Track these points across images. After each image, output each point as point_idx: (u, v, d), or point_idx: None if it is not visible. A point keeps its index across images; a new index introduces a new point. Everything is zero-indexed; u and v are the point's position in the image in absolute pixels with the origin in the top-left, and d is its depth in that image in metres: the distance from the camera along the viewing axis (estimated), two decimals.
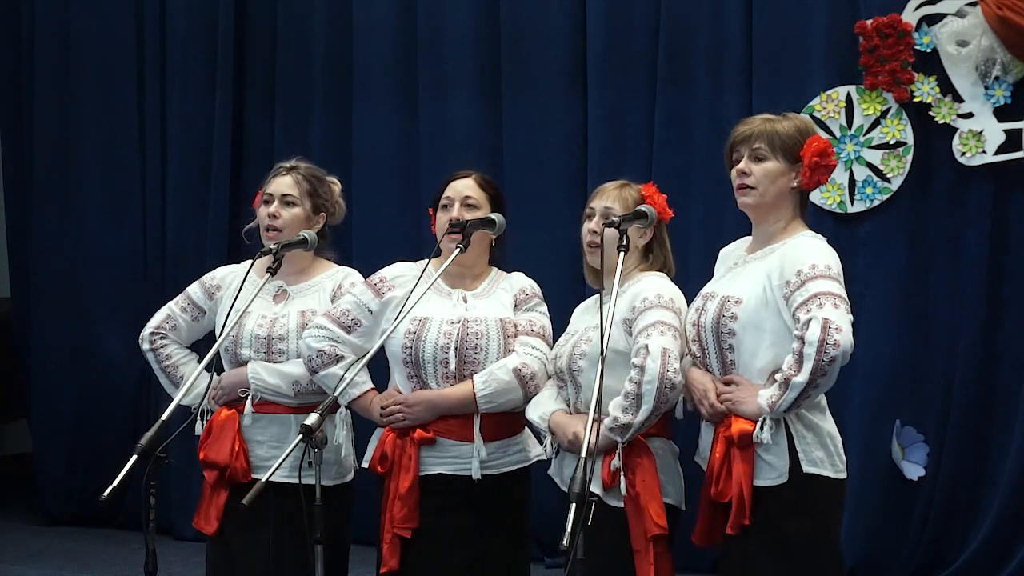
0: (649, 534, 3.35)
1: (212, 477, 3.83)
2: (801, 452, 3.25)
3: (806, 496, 3.24)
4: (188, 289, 4.05)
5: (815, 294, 3.18)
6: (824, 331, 3.12)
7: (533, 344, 3.72)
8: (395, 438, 3.68)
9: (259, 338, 3.85)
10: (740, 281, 3.36)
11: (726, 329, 3.31)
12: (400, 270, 3.81)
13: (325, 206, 4.01)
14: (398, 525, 3.62)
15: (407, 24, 6.31)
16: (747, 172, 3.37)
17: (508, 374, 3.64)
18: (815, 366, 3.13)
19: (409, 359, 3.67)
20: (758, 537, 3.25)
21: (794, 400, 3.17)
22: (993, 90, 5.25)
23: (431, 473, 3.65)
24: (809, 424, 3.27)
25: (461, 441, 3.65)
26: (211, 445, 3.84)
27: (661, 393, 3.32)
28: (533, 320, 3.79)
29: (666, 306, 3.43)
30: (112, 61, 6.88)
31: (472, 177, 3.82)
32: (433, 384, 3.67)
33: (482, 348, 3.67)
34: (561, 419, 3.54)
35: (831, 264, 3.25)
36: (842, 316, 3.16)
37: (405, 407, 3.67)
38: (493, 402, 3.64)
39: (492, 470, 3.67)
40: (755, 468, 3.25)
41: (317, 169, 4.06)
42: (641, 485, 3.38)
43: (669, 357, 3.33)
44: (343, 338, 3.72)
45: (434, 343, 3.65)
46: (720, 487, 3.29)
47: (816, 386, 3.16)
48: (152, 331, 4.01)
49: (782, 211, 3.39)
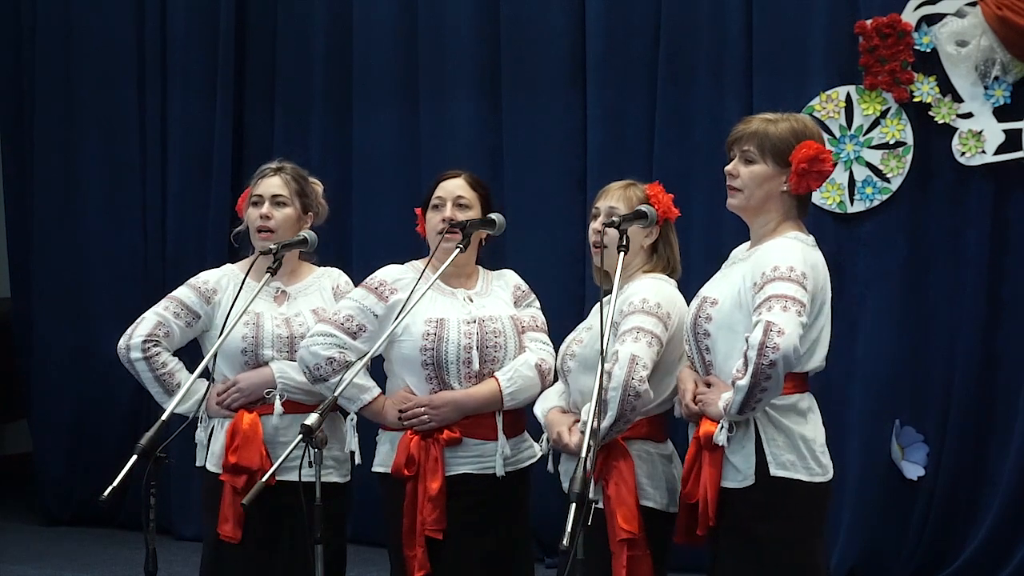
0: (617, 538, 3.34)
1: (240, 483, 3.76)
2: (770, 455, 3.21)
3: (776, 499, 3.21)
4: (177, 294, 3.94)
5: (768, 296, 3.14)
6: (765, 334, 3.08)
7: (543, 340, 3.78)
8: (419, 440, 3.66)
9: (281, 337, 3.83)
10: (723, 282, 3.35)
11: (702, 330, 3.29)
12: (397, 273, 3.78)
13: (311, 206, 4.00)
14: (430, 528, 3.61)
15: (407, 24, 6.31)
16: (735, 174, 3.35)
17: (532, 370, 3.68)
18: (755, 369, 3.09)
19: (430, 361, 3.66)
20: (726, 539, 3.25)
21: (741, 403, 3.14)
22: (993, 90, 5.25)
23: (456, 473, 3.65)
24: (780, 426, 3.23)
25: (484, 440, 3.67)
26: (240, 450, 3.77)
27: (625, 401, 3.29)
28: (535, 316, 3.84)
29: (649, 312, 3.40)
30: (113, 62, 6.89)
31: (462, 177, 3.81)
32: (456, 384, 3.66)
33: (501, 346, 3.70)
34: (552, 417, 3.57)
35: (795, 266, 3.19)
36: (788, 319, 3.10)
37: (430, 408, 3.65)
38: (517, 399, 3.68)
39: (511, 467, 3.70)
40: (723, 470, 3.23)
41: (301, 169, 4.05)
42: (613, 489, 3.37)
43: (636, 365, 3.30)
44: (349, 344, 3.68)
45: (457, 343, 3.65)
46: (688, 488, 3.29)
47: (764, 389, 3.11)
48: (145, 338, 3.87)
49: (771, 214, 3.34)
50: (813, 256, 3.28)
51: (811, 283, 3.20)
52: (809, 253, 3.27)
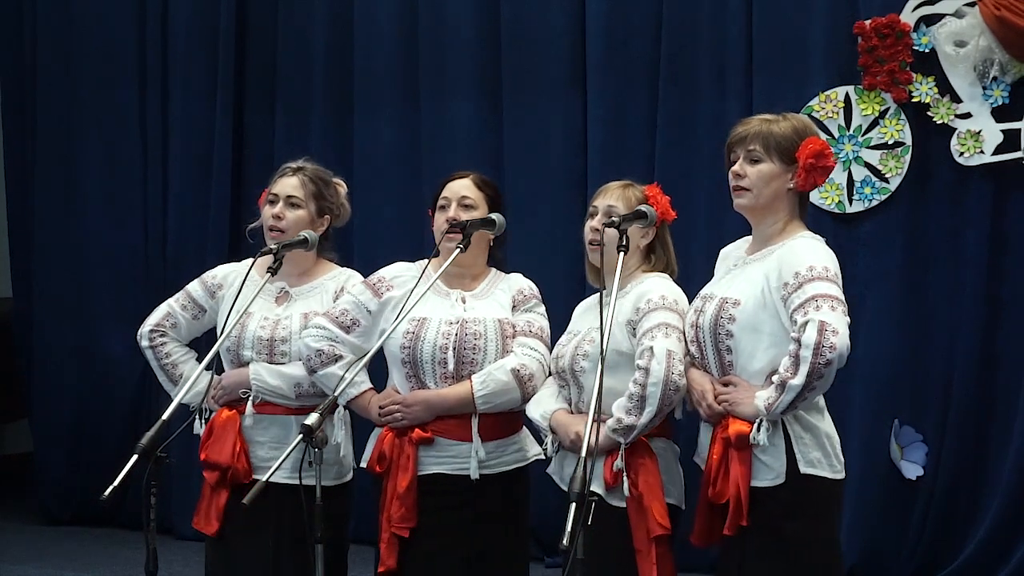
0: (653, 534, 3.36)
1: (213, 478, 3.83)
2: (798, 453, 3.25)
3: (804, 497, 3.24)
4: (188, 287, 4.04)
5: (812, 296, 3.17)
6: (820, 334, 3.12)
7: (531, 345, 3.73)
8: (393, 438, 3.69)
9: (261, 340, 3.85)
10: (738, 282, 3.36)
11: (724, 330, 3.31)
12: (399, 270, 3.81)
13: (330, 208, 4.00)
14: (396, 524, 3.63)
15: (408, 24, 6.31)
16: (742, 174, 3.37)
17: (506, 374, 3.65)
18: (811, 369, 3.13)
19: (407, 359, 3.68)
20: (756, 538, 3.25)
21: (790, 402, 3.17)
22: (991, 90, 5.26)
23: (429, 473, 3.66)
24: (807, 425, 3.27)
25: (459, 441, 3.66)
26: (212, 446, 3.83)
27: (666, 395, 3.34)
28: (531, 321, 3.79)
29: (670, 308, 3.44)
30: (114, 62, 6.89)
31: (469, 177, 3.83)
32: (431, 384, 3.68)
33: (480, 349, 3.68)
34: (563, 418, 3.55)
35: (829, 266, 3.24)
36: (839, 319, 3.16)
37: (403, 407, 3.67)
38: (491, 402, 3.65)
39: (490, 470, 3.68)
40: (752, 469, 3.25)
41: (324, 171, 4.05)
42: (644, 485, 3.39)
43: (674, 359, 3.35)
44: (341, 338, 3.72)
45: (432, 343, 3.66)
46: (718, 488, 3.29)
47: (813, 388, 3.16)
48: (151, 328, 3.99)
49: (779, 212, 3.38)
50: (835, 257, 3.33)
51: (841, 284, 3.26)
52: (831, 253, 3.33)
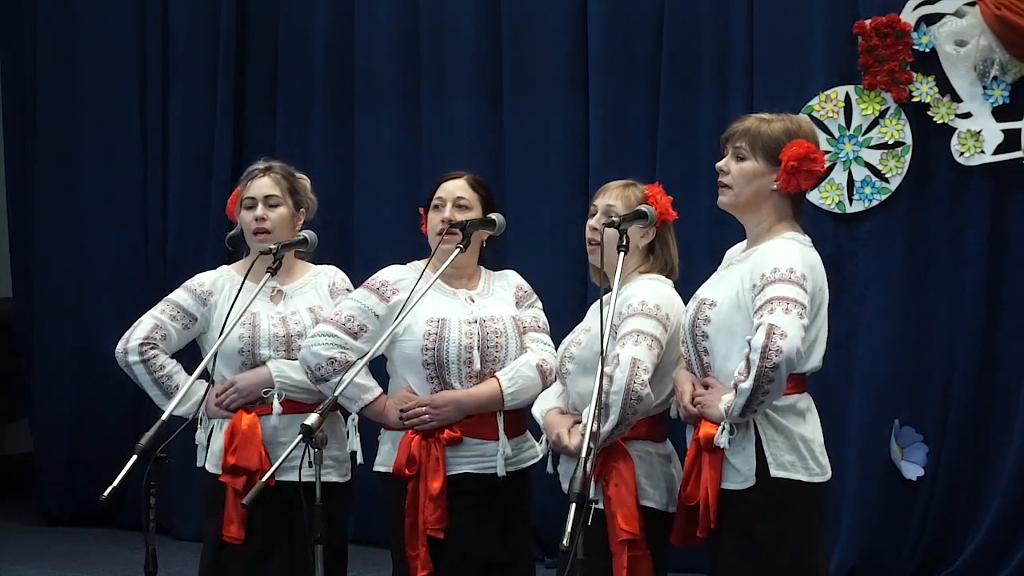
0: (618, 539, 3.34)
1: (240, 483, 3.76)
2: (770, 456, 3.21)
3: (775, 500, 3.21)
4: (173, 297, 3.95)
5: (769, 299, 3.13)
6: (768, 337, 3.07)
7: (544, 340, 3.79)
8: (420, 440, 3.66)
9: (278, 337, 3.84)
10: (720, 284, 3.34)
11: (700, 332, 3.29)
12: (399, 273, 3.79)
13: (302, 202, 4.01)
14: (431, 527, 3.61)
15: (408, 24, 6.31)
16: (725, 170, 3.36)
17: (533, 370, 3.69)
18: (759, 372, 3.08)
19: (431, 360, 3.66)
20: (728, 540, 3.24)
21: (744, 405, 3.13)
22: (992, 90, 5.25)
23: (457, 473, 3.66)
24: (779, 427, 3.23)
25: (484, 439, 3.68)
26: (240, 451, 3.78)
27: (627, 405, 3.28)
28: (536, 316, 3.85)
29: (648, 314, 3.39)
30: (114, 62, 6.90)
31: (464, 178, 3.82)
32: (457, 384, 3.67)
33: (503, 346, 3.71)
34: (552, 418, 3.55)
35: (794, 267, 3.18)
36: (790, 321, 3.09)
37: (431, 408, 3.66)
38: (518, 399, 3.68)
39: (513, 466, 3.70)
40: (723, 472, 3.23)
41: (288, 166, 4.05)
42: (614, 490, 3.37)
43: (638, 368, 3.29)
44: (351, 344, 3.69)
45: (457, 343, 3.66)
46: (689, 490, 3.28)
47: (766, 392, 3.11)
48: (142, 341, 3.89)
49: (763, 212, 3.34)
50: (811, 257, 3.27)
51: (810, 284, 3.20)
52: (807, 254, 3.27)
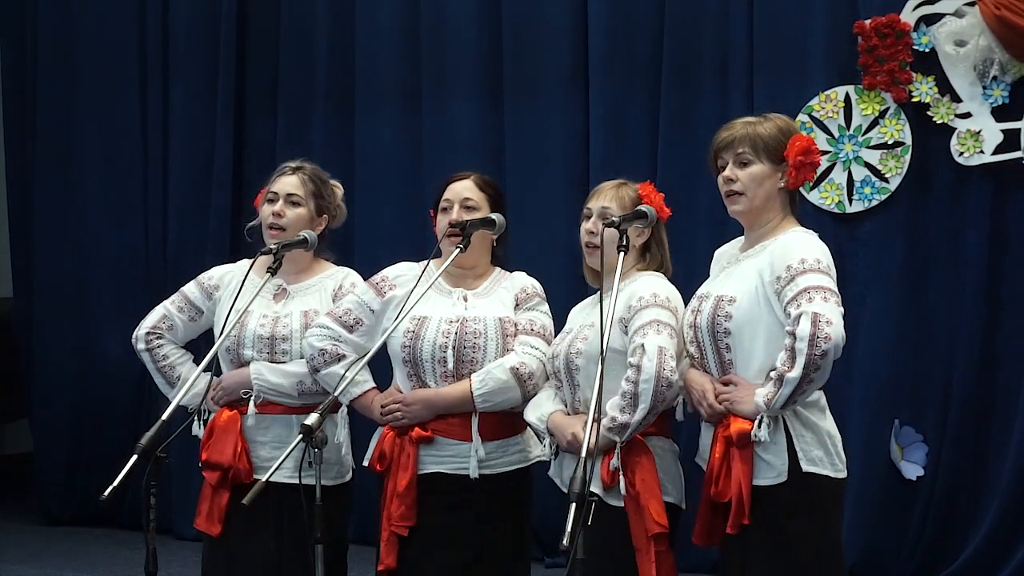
0: (650, 533, 3.35)
1: (214, 478, 3.82)
2: (800, 451, 3.24)
3: (805, 495, 3.24)
4: (184, 289, 4.03)
5: (805, 288, 3.17)
6: (815, 325, 3.11)
7: (532, 343, 3.72)
8: (394, 437, 3.69)
9: (262, 338, 3.85)
10: (733, 280, 3.36)
11: (721, 329, 3.31)
12: (402, 269, 3.82)
13: (328, 208, 4.01)
14: (396, 523, 3.63)
15: (409, 25, 6.32)
16: (733, 178, 3.38)
17: (505, 373, 3.65)
18: (808, 360, 3.12)
19: (408, 358, 3.69)
20: (758, 537, 3.25)
21: (789, 396, 3.17)
22: (991, 90, 5.26)
23: (429, 472, 3.66)
24: (808, 423, 3.27)
25: (459, 440, 3.66)
26: (213, 446, 3.83)
27: (658, 392, 3.32)
28: (533, 319, 3.79)
29: (662, 305, 3.43)
30: (114, 62, 6.90)
31: (471, 178, 3.82)
32: (432, 383, 3.68)
33: (480, 347, 3.68)
34: (560, 420, 3.54)
35: (820, 258, 3.25)
36: (832, 309, 3.15)
37: (403, 406, 3.68)
38: (490, 401, 3.65)
39: (490, 469, 3.67)
40: (754, 467, 3.24)
41: (322, 171, 4.06)
42: (641, 484, 3.38)
43: (665, 356, 3.34)
44: (345, 337, 3.73)
45: (432, 342, 3.66)
46: (720, 487, 3.28)
47: (811, 380, 3.16)
48: (148, 331, 3.97)
49: (772, 212, 3.39)
50: (827, 249, 3.33)
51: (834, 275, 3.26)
52: (824, 246, 3.32)
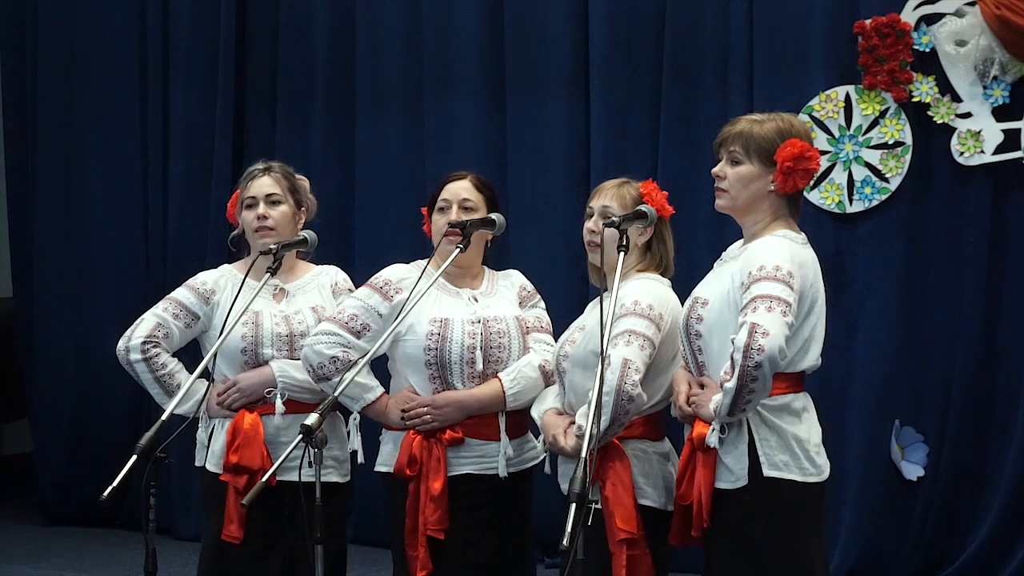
0: (615, 539, 3.34)
1: (241, 483, 3.76)
2: (762, 455, 3.20)
3: (767, 499, 3.20)
4: (175, 295, 3.95)
5: (754, 296, 3.13)
6: (750, 336, 3.07)
7: (547, 341, 3.78)
8: (422, 440, 3.65)
9: (281, 336, 3.83)
10: (712, 282, 3.35)
11: (693, 330, 3.29)
12: (402, 272, 3.78)
13: (303, 201, 4.01)
14: (432, 528, 3.60)
15: (411, 25, 6.31)
16: (721, 175, 3.37)
17: (535, 371, 3.68)
18: (741, 371, 3.07)
19: (433, 360, 3.66)
20: (720, 540, 3.25)
21: (730, 405, 3.13)
22: (991, 90, 5.25)
23: (458, 473, 3.65)
24: (773, 427, 3.22)
25: (486, 440, 3.67)
26: (242, 450, 3.77)
27: (618, 405, 3.28)
28: (540, 317, 3.84)
29: (640, 314, 3.38)
30: (114, 62, 6.90)
31: (468, 179, 3.81)
32: (459, 384, 3.67)
33: (505, 347, 3.70)
34: (548, 419, 3.55)
35: (781, 264, 3.17)
36: (772, 319, 3.08)
37: (433, 408, 3.65)
38: (520, 399, 3.67)
39: (514, 467, 3.69)
40: (716, 471, 3.23)
41: (287, 166, 4.05)
42: (611, 490, 3.37)
43: (629, 369, 3.29)
44: (353, 343, 3.68)
45: (460, 343, 3.65)
46: (683, 489, 3.28)
47: (751, 391, 3.10)
48: (144, 340, 3.87)
49: (759, 213, 3.34)
50: (802, 254, 3.26)
51: (798, 281, 3.19)
52: (797, 251, 3.25)
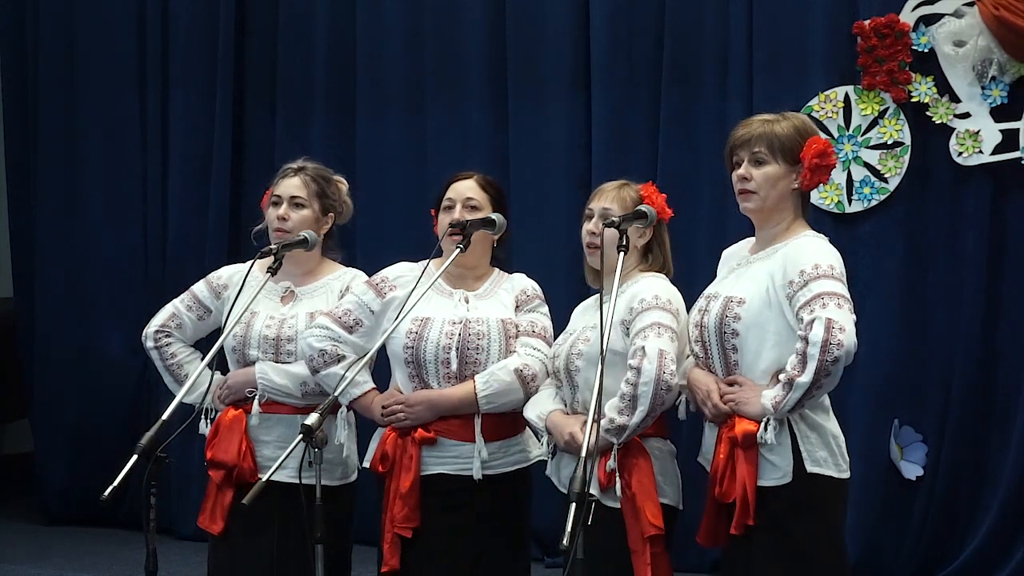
0: (645, 534, 3.35)
1: (219, 477, 3.83)
2: (805, 452, 3.25)
3: (810, 496, 3.25)
4: (194, 288, 4.05)
5: (818, 294, 3.18)
6: (828, 331, 3.12)
7: (534, 345, 3.73)
8: (396, 438, 3.68)
9: (267, 339, 3.86)
10: (743, 281, 3.36)
11: (729, 329, 3.31)
12: (402, 270, 3.81)
13: (333, 206, 4.02)
14: (399, 525, 3.63)
15: (411, 25, 6.32)
16: (748, 177, 3.38)
17: (509, 375, 3.65)
18: (819, 366, 3.13)
19: (411, 359, 3.68)
20: (763, 538, 3.25)
21: (798, 400, 3.18)
22: (990, 90, 5.26)
23: (432, 473, 3.66)
24: (813, 424, 3.27)
25: (462, 441, 3.66)
26: (218, 445, 3.84)
27: (657, 395, 3.33)
28: (534, 321, 3.79)
29: (663, 307, 3.43)
30: (114, 62, 6.91)
31: (473, 178, 3.82)
32: (434, 384, 3.68)
33: (483, 349, 3.68)
34: (558, 419, 3.55)
35: (834, 264, 3.25)
36: (845, 316, 3.16)
37: (406, 407, 3.67)
38: (494, 402, 3.65)
39: (493, 470, 3.67)
40: (759, 468, 3.25)
41: (325, 169, 4.06)
42: (637, 486, 3.38)
43: (666, 359, 3.34)
44: (344, 338, 3.73)
45: (436, 343, 3.66)
46: (724, 488, 3.28)
47: (820, 386, 3.17)
48: (157, 329, 4.00)
49: (784, 212, 3.39)
50: (839, 256, 3.33)
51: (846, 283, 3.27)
52: (837, 252, 3.33)
